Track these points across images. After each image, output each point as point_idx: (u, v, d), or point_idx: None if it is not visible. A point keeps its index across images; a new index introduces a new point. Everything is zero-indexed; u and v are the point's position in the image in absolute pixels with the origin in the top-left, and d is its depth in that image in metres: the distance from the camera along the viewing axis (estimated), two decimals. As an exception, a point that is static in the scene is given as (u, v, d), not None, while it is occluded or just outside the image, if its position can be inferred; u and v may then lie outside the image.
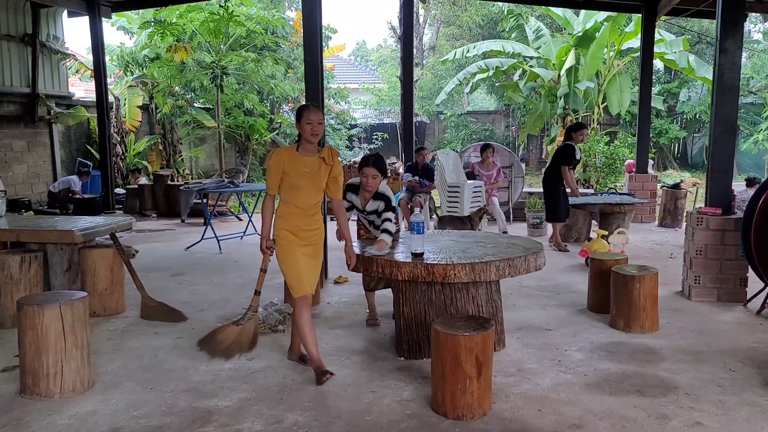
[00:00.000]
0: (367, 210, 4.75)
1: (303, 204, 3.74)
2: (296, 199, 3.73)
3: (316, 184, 3.75)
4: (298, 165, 3.68)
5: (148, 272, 6.67)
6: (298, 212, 3.75)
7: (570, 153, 7.67)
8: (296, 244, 3.77)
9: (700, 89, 20.85)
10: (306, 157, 3.71)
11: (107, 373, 3.91)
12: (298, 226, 3.77)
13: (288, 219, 3.76)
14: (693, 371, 3.88)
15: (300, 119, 3.67)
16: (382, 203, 4.66)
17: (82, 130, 13.50)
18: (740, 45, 5.52)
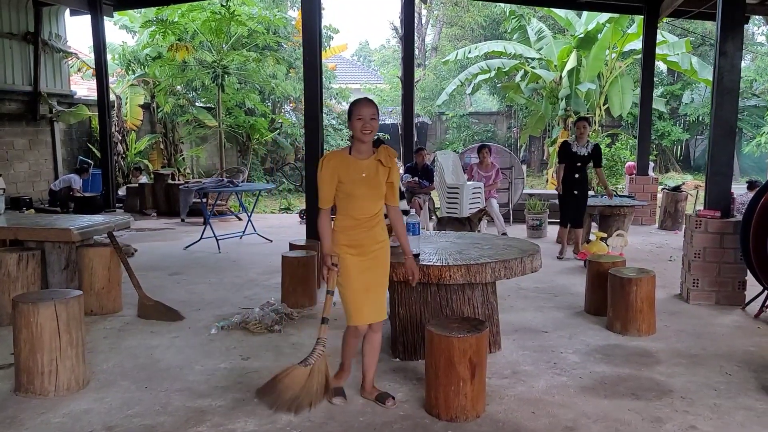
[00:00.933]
0: None
1: (362, 215, 3.27)
2: (354, 209, 3.26)
3: (375, 191, 3.28)
4: (353, 171, 3.22)
5: (146, 271, 6.69)
6: (357, 225, 3.28)
7: (560, 150, 7.36)
8: (357, 266, 3.28)
9: (703, 91, 20.81)
10: (361, 161, 3.25)
11: (102, 371, 3.91)
12: (358, 241, 3.29)
13: (347, 233, 3.28)
14: (689, 375, 3.87)
15: (350, 116, 3.23)
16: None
17: (84, 129, 13.53)
18: (740, 47, 5.51)
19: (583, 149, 7.14)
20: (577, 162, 7.15)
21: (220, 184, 8.90)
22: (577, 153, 7.14)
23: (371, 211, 3.28)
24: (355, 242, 3.28)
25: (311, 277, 5.46)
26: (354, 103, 3.29)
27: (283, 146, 17.79)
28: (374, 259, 3.32)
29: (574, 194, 7.22)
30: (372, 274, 3.32)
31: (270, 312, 4.90)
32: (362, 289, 3.29)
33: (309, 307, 5.38)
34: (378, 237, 3.34)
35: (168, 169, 14.39)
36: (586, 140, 7.17)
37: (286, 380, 3.17)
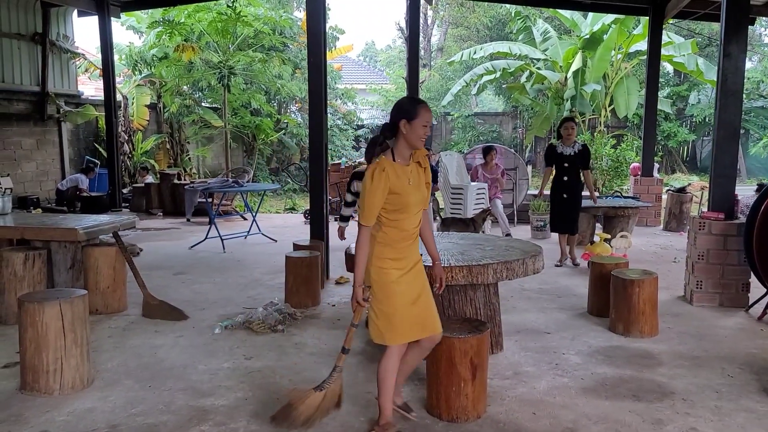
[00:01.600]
0: None
1: (411, 225, 3.00)
2: (405, 220, 2.96)
3: (422, 197, 3.02)
4: (402, 178, 2.92)
5: (151, 270, 6.74)
6: (406, 236, 2.99)
7: (546, 153, 7.18)
8: (402, 280, 2.99)
9: (709, 92, 20.72)
10: (405, 167, 2.96)
11: (107, 370, 3.95)
12: (404, 253, 3.00)
13: (394, 246, 2.97)
14: (690, 376, 3.87)
15: (414, 117, 2.89)
16: None
17: (91, 129, 13.61)
18: (744, 49, 5.50)
19: (569, 149, 6.81)
20: (564, 163, 6.84)
21: (225, 184, 8.94)
22: (563, 154, 6.83)
23: (418, 219, 3.04)
24: (402, 255, 3.00)
25: (315, 277, 5.49)
26: (417, 102, 2.98)
27: (288, 146, 17.84)
28: (418, 270, 3.08)
29: (563, 198, 6.87)
30: (417, 286, 3.05)
31: (273, 312, 4.93)
32: (408, 303, 2.99)
33: (312, 307, 5.41)
34: (418, 247, 3.11)
35: (174, 168, 14.46)
36: (573, 141, 6.84)
37: (301, 407, 3.07)
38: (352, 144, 19.79)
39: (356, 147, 20.14)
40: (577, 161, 6.82)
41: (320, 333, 4.71)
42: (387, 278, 2.96)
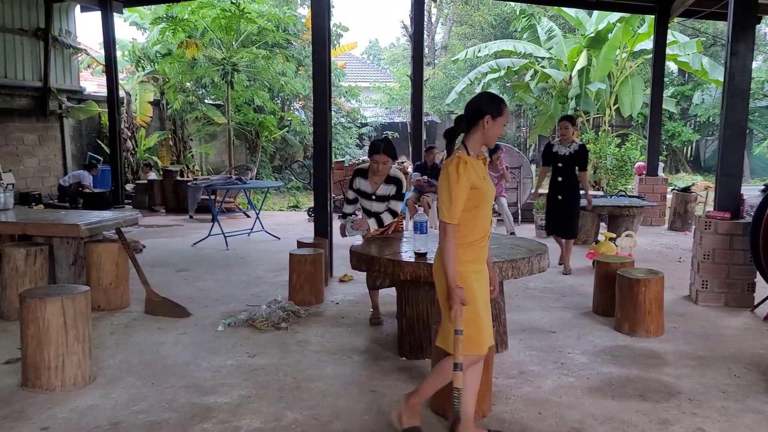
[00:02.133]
0: (378, 194, 4.85)
1: (488, 222, 2.92)
2: (484, 218, 2.86)
3: (493, 193, 2.95)
4: (479, 172, 2.83)
5: (154, 267, 6.72)
6: (484, 236, 2.90)
7: (543, 152, 6.88)
8: (478, 283, 2.87)
9: (714, 92, 20.65)
10: (478, 161, 2.87)
11: (109, 367, 3.93)
12: (480, 255, 2.91)
13: (475, 248, 2.86)
14: (696, 376, 3.84)
15: (499, 115, 2.84)
16: (395, 187, 4.80)
17: (93, 125, 13.60)
18: (752, 48, 5.47)
19: (565, 149, 6.54)
20: (558, 163, 6.57)
21: (228, 182, 8.92)
22: (558, 153, 6.57)
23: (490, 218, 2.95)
24: (479, 256, 2.89)
25: (318, 275, 5.46)
26: (502, 104, 2.90)
27: (291, 144, 17.82)
28: (486, 273, 2.98)
29: (558, 200, 6.59)
30: (486, 288, 2.95)
31: (277, 309, 4.90)
32: (485, 309, 2.89)
33: (316, 305, 5.38)
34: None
35: (177, 165, 14.44)
36: (569, 140, 6.56)
37: None
38: (356, 142, 19.76)
39: (360, 145, 20.11)
40: (574, 162, 6.54)
41: (324, 331, 4.68)
42: (468, 283, 2.80)
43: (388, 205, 4.85)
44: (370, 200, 4.89)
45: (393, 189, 4.80)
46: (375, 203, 4.87)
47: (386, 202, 4.84)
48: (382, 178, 4.79)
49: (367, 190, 4.87)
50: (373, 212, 4.89)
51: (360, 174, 4.92)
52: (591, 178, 13.34)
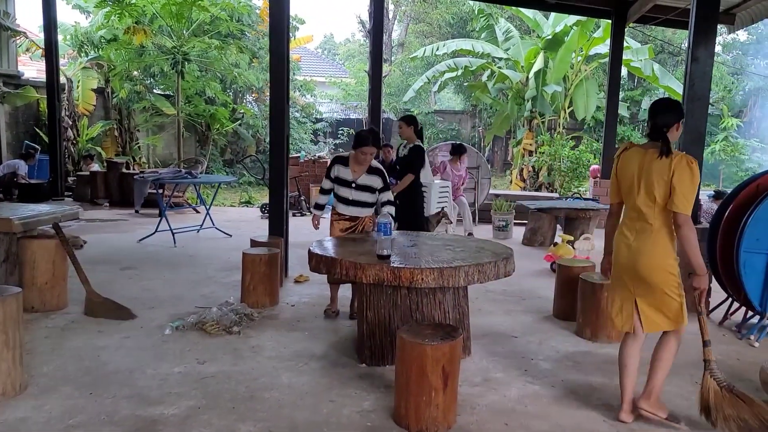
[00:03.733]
0: (359, 183, 4.74)
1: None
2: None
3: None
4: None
5: (95, 265, 6.33)
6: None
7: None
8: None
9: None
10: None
11: (42, 375, 3.59)
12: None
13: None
14: (661, 384, 3.78)
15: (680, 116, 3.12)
16: (379, 179, 4.74)
17: (31, 112, 12.87)
18: (712, 54, 5.50)
19: (402, 150, 6.32)
20: (397, 165, 6.37)
21: (177, 175, 8.52)
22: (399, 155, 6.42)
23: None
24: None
25: (274, 275, 5.21)
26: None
27: (244, 137, 17.34)
28: None
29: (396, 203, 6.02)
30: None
31: (228, 312, 4.63)
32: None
33: (270, 307, 5.13)
34: None
35: (123, 157, 13.84)
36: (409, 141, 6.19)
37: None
38: (311, 137, 19.42)
39: (314, 141, 19.77)
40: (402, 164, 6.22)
41: (279, 335, 4.45)
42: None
43: (380, 198, 4.78)
44: (349, 188, 4.78)
45: (379, 180, 4.76)
46: (354, 191, 4.77)
47: (368, 192, 4.76)
48: (364, 168, 4.73)
49: (347, 177, 4.77)
50: (351, 200, 4.79)
51: (339, 161, 4.82)
52: (545, 179, 13.47)
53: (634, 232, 3.16)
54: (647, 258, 3.10)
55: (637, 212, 3.15)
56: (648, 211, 3.09)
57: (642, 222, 3.12)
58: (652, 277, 3.11)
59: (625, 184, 3.21)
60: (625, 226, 3.23)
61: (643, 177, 3.08)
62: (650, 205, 3.07)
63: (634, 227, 3.17)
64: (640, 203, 3.11)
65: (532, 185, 13.80)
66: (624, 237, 3.22)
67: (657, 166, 3.03)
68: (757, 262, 4.69)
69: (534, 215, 8.39)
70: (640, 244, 3.13)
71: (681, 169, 2.97)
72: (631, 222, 3.19)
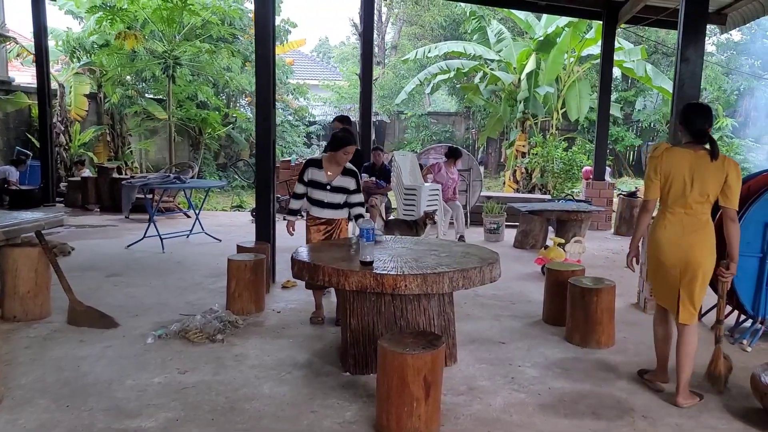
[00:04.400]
0: (333, 185, 4.71)
1: None
2: None
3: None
4: None
5: (82, 272, 6.28)
6: None
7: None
8: None
9: (655, 98, 21.20)
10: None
11: (20, 387, 3.53)
12: None
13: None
14: (649, 391, 3.73)
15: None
16: (353, 180, 4.72)
17: (23, 118, 12.78)
18: (701, 54, 5.45)
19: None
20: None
21: (165, 180, 8.44)
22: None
23: None
24: None
25: (259, 281, 5.15)
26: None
27: (237, 141, 17.27)
28: None
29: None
30: None
31: (213, 320, 4.57)
32: None
33: (256, 313, 5.07)
34: None
35: (114, 162, 13.77)
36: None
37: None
38: (304, 140, 19.36)
39: (308, 144, 19.72)
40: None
41: (263, 343, 4.39)
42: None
43: (350, 200, 4.74)
44: (324, 190, 4.73)
45: (352, 182, 4.72)
46: (329, 194, 4.72)
47: (342, 194, 4.72)
48: (340, 169, 4.69)
49: (321, 180, 4.71)
50: (326, 203, 4.74)
51: (313, 164, 4.76)
52: (538, 181, 13.43)
53: (681, 226, 3.44)
54: (700, 249, 3.42)
55: (686, 208, 3.42)
56: (698, 207, 3.40)
57: (692, 217, 3.42)
58: (705, 265, 3.44)
59: (675, 182, 3.42)
60: (669, 221, 3.48)
61: (697, 176, 3.36)
62: (702, 202, 3.39)
63: (682, 222, 3.44)
64: (692, 200, 3.39)
65: (525, 187, 13.75)
66: (670, 232, 3.47)
67: (711, 167, 3.35)
68: (748, 265, 4.62)
69: (525, 217, 8.34)
70: (693, 237, 3.42)
71: (733, 169, 3.36)
72: (677, 217, 3.45)
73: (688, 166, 3.38)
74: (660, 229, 3.51)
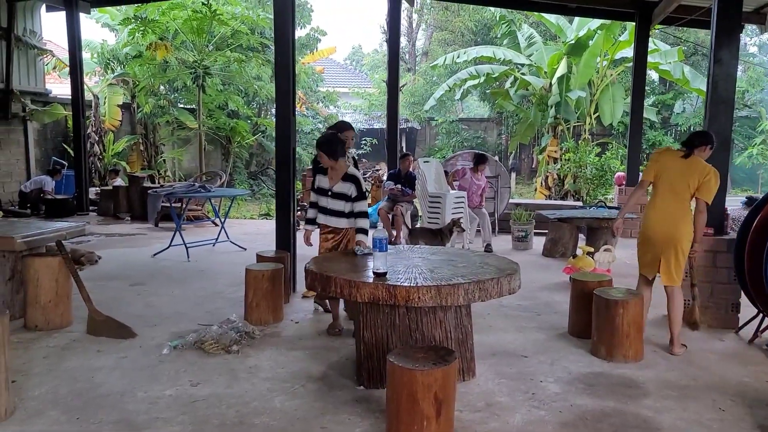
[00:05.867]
0: (334, 191, 4.65)
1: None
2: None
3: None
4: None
5: (107, 281, 6.34)
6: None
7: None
8: None
9: (695, 101, 20.63)
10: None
11: (33, 398, 3.53)
12: None
13: None
14: (678, 410, 3.54)
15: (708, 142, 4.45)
16: (353, 187, 4.62)
17: (60, 129, 13.10)
18: (736, 55, 5.21)
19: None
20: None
21: (190, 189, 8.50)
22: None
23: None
24: None
25: (277, 292, 5.09)
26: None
27: (268, 150, 17.40)
28: None
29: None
30: None
31: (229, 330, 4.52)
32: None
33: (274, 324, 5.01)
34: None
35: (147, 171, 13.99)
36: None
37: None
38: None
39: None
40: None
41: (278, 355, 4.32)
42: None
43: (353, 208, 4.64)
44: (326, 197, 4.70)
45: (352, 188, 4.63)
46: (331, 200, 4.69)
47: (343, 201, 4.65)
48: (339, 174, 4.64)
49: (324, 186, 4.70)
50: (329, 209, 4.71)
51: (319, 171, 4.75)
52: (570, 187, 13.13)
53: (671, 210, 4.37)
54: (680, 228, 4.35)
55: (676, 195, 4.37)
56: (686, 195, 4.35)
57: (677, 203, 4.37)
58: (683, 242, 4.35)
59: (667, 174, 4.40)
60: (660, 204, 4.42)
61: (682, 173, 4.35)
62: (683, 192, 4.35)
63: (670, 207, 4.38)
64: (680, 190, 4.35)
65: (557, 193, 13.47)
66: (661, 212, 4.41)
67: (692, 168, 4.34)
68: (785, 275, 4.39)
69: (554, 225, 8.13)
70: (678, 218, 4.36)
71: (712, 175, 4.32)
72: (666, 202, 4.40)
73: (678, 165, 4.38)
74: (651, 209, 4.47)
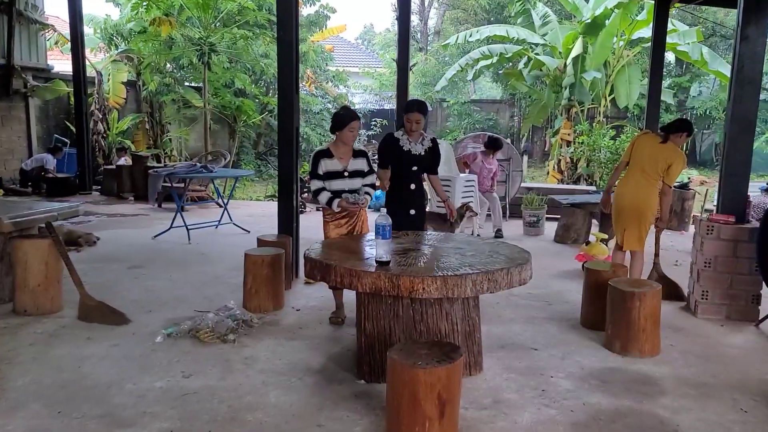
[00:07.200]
0: (350, 170, 4.49)
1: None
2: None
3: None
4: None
5: (104, 263, 6.18)
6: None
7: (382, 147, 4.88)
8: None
9: (712, 84, 20.12)
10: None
11: (14, 389, 3.35)
12: None
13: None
14: (697, 410, 3.31)
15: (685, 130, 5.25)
16: (364, 161, 4.54)
17: (62, 105, 12.91)
18: (764, 32, 4.90)
19: (418, 146, 4.77)
20: (412, 166, 4.79)
21: (192, 170, 8.29)
22: (411, 152, 4.75)
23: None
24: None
25: (278, 277, 4.89)
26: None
27: (275, 129, 17.12)
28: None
29: (410, 215, 4.77)
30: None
31: (226, 318, 4.33)
32: None
33: (274, 311, 4.82)
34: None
35: (153, 150, 13.80)
36: (420, 135, 4.81)
37: None
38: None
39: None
40: (425, 163, 4.88)
41: (276, 345, 4.13)
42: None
43: (364, 182, 4.52)
44: (342, 178, 4.48)
45: (365, 163, 4.54)
46: (348, 180, 4.49)
47: (360, 178, 4.51)
48: (350, 151, 4.50)
49: (336, 168, 4.47)
50: (348, 190, 4.48)
51: (322, 155, 4.48)
52: (583, 171, 12.81)
53: (641, 185, 5.08)
54: (645, 202, 5.09)
55: (645, 174, 5.06)
56: (654, 175, 5.04)
57: (646, 182, 5.07)
58: (647, 215, 5.10)
59: (641, 156, 5.09)
60: (630, 182, 5.15)
61: (652, 155, 5.05)
62: (652, 172, 5.04)
63: (638, 184, 5.08)
64: (650, 170, 5.04)
65: (570, 177, 13.15)
66: (633, 188, 5.12)
67: (663, 151, 5.03)
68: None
69: (566, 210, 7.87)
70: (644, 194, 5.08)
71: (678, 160, 5.01)
72: (635, 180, 5.10)
73: (650, 147, 5.09)
74: (623, 186, 5.21)
